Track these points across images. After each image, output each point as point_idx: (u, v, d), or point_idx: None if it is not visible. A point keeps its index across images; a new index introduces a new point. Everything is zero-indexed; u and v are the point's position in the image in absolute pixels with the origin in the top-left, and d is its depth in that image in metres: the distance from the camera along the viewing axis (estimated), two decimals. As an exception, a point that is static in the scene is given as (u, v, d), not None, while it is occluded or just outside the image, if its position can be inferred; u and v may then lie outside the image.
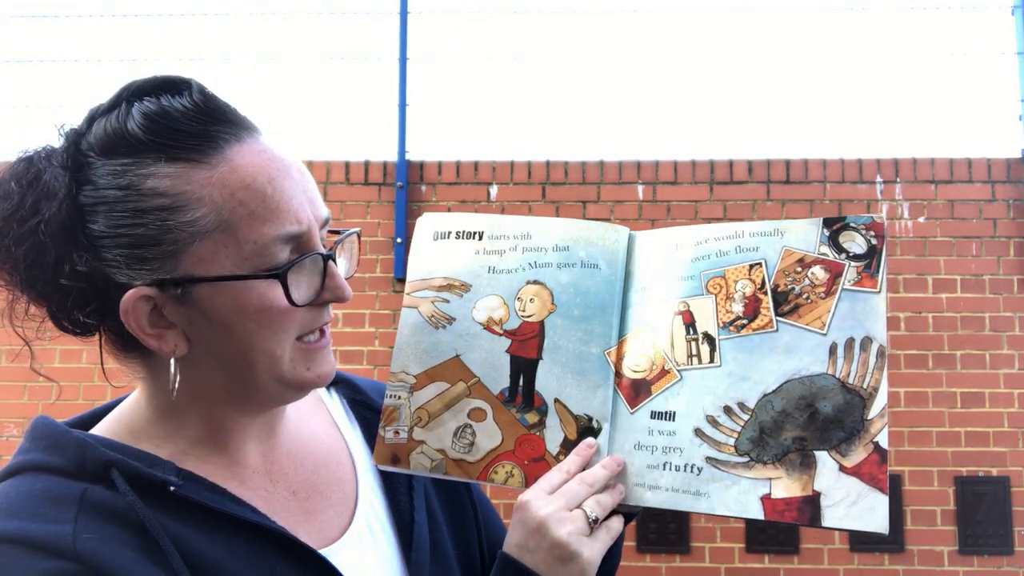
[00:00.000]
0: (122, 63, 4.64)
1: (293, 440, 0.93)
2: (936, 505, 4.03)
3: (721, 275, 0.93)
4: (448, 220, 1.02)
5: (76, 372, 4.28)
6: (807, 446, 0.85)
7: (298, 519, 0.87)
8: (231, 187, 0.77)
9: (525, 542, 0.84)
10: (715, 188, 4.33)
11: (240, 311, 0.79)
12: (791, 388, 0.86)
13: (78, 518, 0.74)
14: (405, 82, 4.50)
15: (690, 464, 0.88)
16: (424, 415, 0.95)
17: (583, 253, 0.97)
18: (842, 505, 0.82)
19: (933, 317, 4.17)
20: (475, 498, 1.06)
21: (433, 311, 0.98)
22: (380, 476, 0.97)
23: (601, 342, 0.95)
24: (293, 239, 0.80)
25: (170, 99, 0.80)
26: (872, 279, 0.87)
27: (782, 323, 0.89)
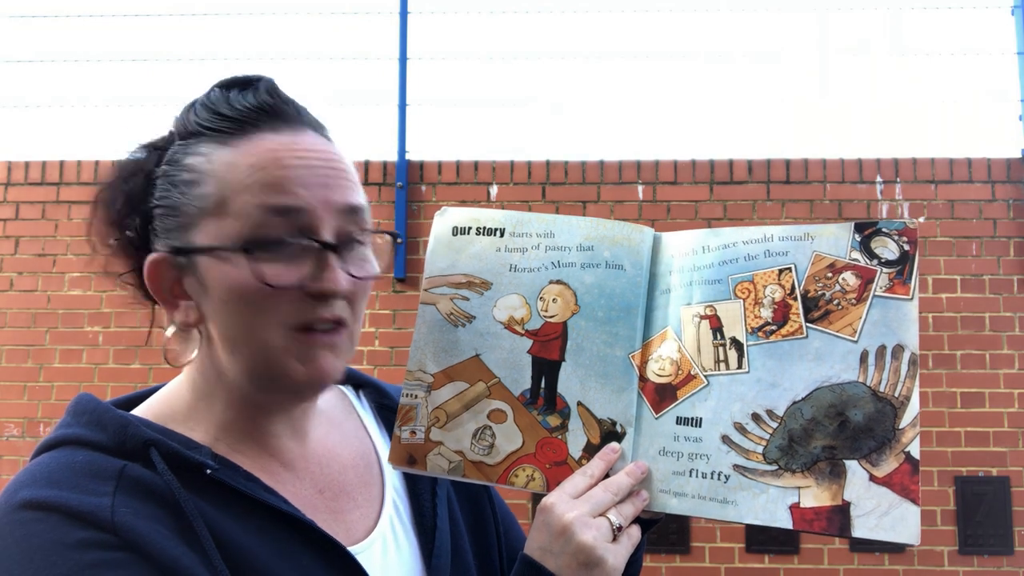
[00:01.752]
0: (123, 63, 4.64)
1: (322, 441, 0.93)
2: (936, 505, 4.03)
3: (750, 279, 0.91)
4: (468, 215, 0.99)
5: (76, 372, 4.28)
6: (837, 455, 0.83)
7: (324, 517, 0.87)
8: (241, 165, 0.81)
9: (549, 545, 0.83)
10: (715, 188, 4.33)
11: (228, 287, 0.80)
12: (821, 396, 0.85)
13: (116, 492, 0.75)
14: (405, 82, 4.50)
15: (717, 472, 0.87)
16: (442, 415, 0.93)
17: (607, 253, 0.95)
18: (873, 515, 0.81)
19: (933, 317, 4.17)
20: (495, 503, 1.05)
21: (452, 308, 0.95)
22: (405, 481, 0.97)
23: (625, 345, 0.93)
24: (288, 213, 0.79)
25: (238, 92, 0.86)
26: (904, 286, 0.85)
27: (812, 330, 0.87)
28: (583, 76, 4.72)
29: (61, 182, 4.44)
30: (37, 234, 4.42)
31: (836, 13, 4.59)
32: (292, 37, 4.75)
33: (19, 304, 4.36)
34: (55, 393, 4.27)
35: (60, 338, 4.33)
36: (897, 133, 4.55)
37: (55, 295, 4.36)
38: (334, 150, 0.86)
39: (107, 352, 4.28)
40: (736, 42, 4.61)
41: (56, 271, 4.39)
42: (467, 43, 4.64)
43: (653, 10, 4.55)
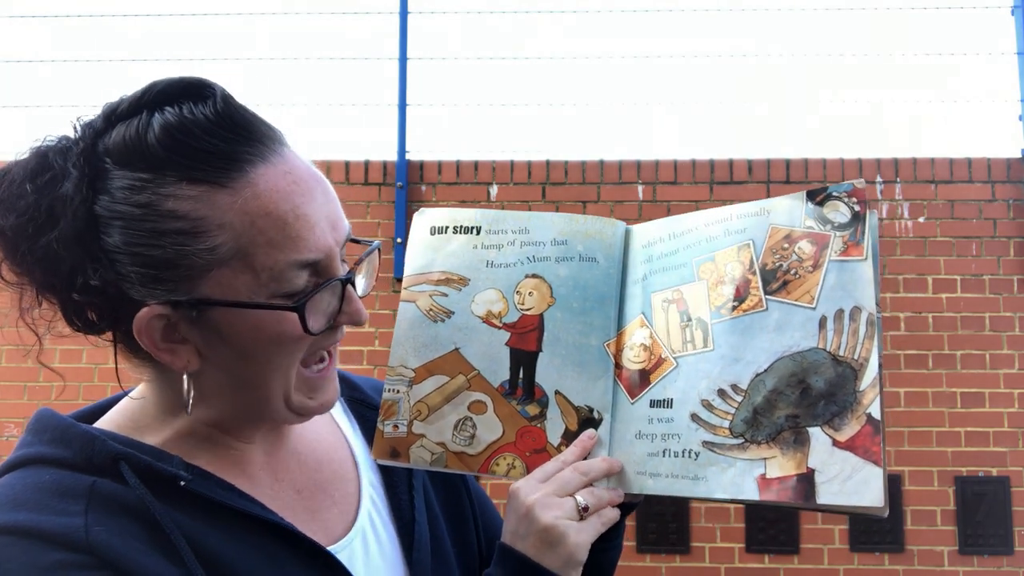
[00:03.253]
0: (122, 63, 4.64)
1: (297, 438, 0.93)
2: (936, 505, 4.03)
3: (711, 259, 0.92)
4: (445, 215, 1.01)
5: (76, 372, 4.28)
6: (800, 423, 0.83)
7: (303, 517, 0.86)
8: (252, 215, 0.76)
9: (516, 528, 0.85)
10: (715, 188, 4.33)
11: (256, 338, 0.78)
12: (782, 366, 0.85)
13: (88, 511, 0.74)
14: (405, 82, 4.50)
15: (688, 449, 0.88)
16: (424, 408, 0.95)
17: (581, 247, 0.97)
18: (836, 481, 0.80)
19: (933, 317, 4.16)
20: (472, 492, 1.06)
21: (431, 305, 0.98)
22: (381, 474, 0.97)
23: (600, 334, 0.95)
24: (311, 265, 0.79)
25: (192, 108, 0.77)
26: (858, 247, 0.85)
27: (771, 301, 0.88)
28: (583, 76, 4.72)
29: (61, 182, 4.44)
30: (37, 234, 4.41)
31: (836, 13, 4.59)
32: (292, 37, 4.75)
33: (19, 304, 4.36)
34: (55, 393, 4.26)
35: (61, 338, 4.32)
36: (897, 133, 4.55)
37: (55, 295, 4.36)
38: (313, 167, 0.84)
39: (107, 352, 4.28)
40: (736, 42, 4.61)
41: (56, 271, 4.38)
42: (467, 43, 4.64)
43: (653, 10, 4.55)
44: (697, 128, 4.70)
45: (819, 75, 4.73)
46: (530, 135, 4.64)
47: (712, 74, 4.67)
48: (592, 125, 4.81)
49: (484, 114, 4.70)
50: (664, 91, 4.59)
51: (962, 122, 4.52)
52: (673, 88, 4.61)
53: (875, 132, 4.59)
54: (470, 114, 4.71)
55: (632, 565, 4.03)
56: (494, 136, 4.66)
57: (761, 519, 4.04)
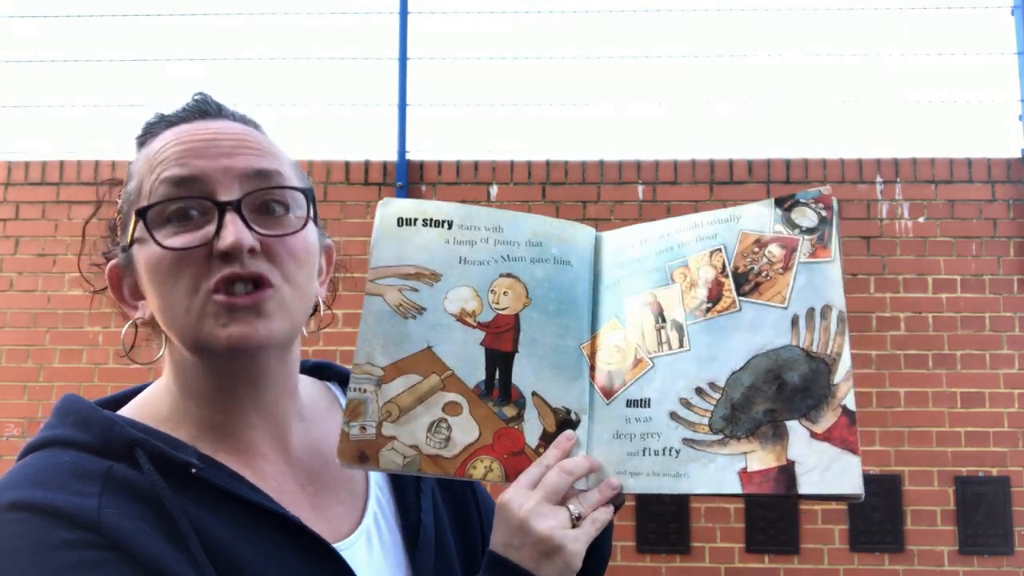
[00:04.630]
0: (122, 63, 4.64)
1: (307, 437, 0.94)
2: (936, 505, 4.03)
3: (685, 264, 0.95)
4: (413, 206, 0.97)
5: (76, 372, 4.28)
6: (778, 417, 0.86)
7: (307, 513, 0.88)
8: (147, 155, 0.87)
9: (509, 540, 0.84)
10: (715, 188, 4.33)
11: (146, 267, 0.84)
12: (758, 363, 0.88)
13: (103, 493, 0.76)
14: (405, 82, 4.50)
15: (668, 447, 0.90)
16: (394, 409, 0.91)
17: (555, 250, 0.97)
18: (816, 471, 0.83)
19: (933, 317, 4.17)
20: (479, 498, 1.06)
21: (401, 300, 0.93)
22: (388, 476, 0.98)
23: (576, 336, 0.95)
24: (180, 183, 0.82)
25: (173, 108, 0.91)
26: (825, 249, 0.89)
27: (744, 302, 0.91)
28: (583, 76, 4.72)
29: (61, 182, 4.44)
30: (37, 234, 4.42)
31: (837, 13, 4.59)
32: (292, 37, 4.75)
33: (19, 304, 4.36)
34: (55, 393, 4.26)
35: (60, 338, 4.33)
36: (897, 133, 4.55)
37: (55, 295, 4.36)
38: (247, 130, 0.89)
39: (107, 352, 4.29)
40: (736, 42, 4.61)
41: (56, 271, 4.39)
42: (467, 43, 4.64)
43: (653, 10, 4.55)
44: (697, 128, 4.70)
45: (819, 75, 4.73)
46: (530, 135, 4.64)
47: (712, 74, 4.67)
48: (592, 125, 4.81)
49: (484, 114, 4.70)
50: (664, 91, 4.59)
51: (962, 122, 4.53)
52: (673, 88, 4.61)
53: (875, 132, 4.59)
54: (470, 114, 4.71)
55: (632, 565, 4.04)
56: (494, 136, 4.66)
57: (761, 519, 4.04)
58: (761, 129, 4.67)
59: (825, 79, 4.69)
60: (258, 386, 0.89)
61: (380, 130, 4.52)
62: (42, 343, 4.33)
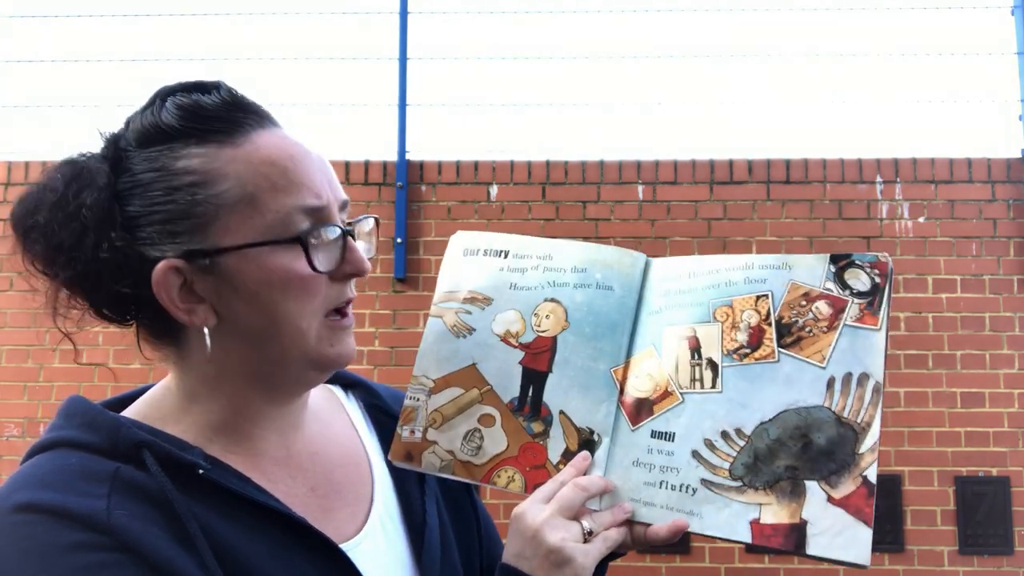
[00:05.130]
0: (122, 63, 4.64)
1: (314, 439, 0.94)
2: (936, 505, 4.03)
3: (729, 304, 0.95)
4: (479, 239, 1.07)
5: (76, 372, 4.28)
6: (798, 475, 0.87)
7: (315, 515, 0.88)
8: (255, 163, 0.83)
9: (522, 550, 0.86)
10: (715, 188, 4.34)
11: (265, 280, 0.82)
12: (787, 418, 0.89)
13: (111, 494, 0.76)
14: (405, 82, 4.50)
15: (686, 484, 0.91)
16: (438, 417, 0.99)
17: (599, 275, 1.01)
18: (827, 535, 0.85)
19: (933, 317, 4.17)
20: (476, 504, 1.07)
21: (456, 321, 1.03)
22: (394, 479, 0.99)
23: (609, 360, 0.98)
24: (313, 212, 0.84)
25: (200, 95, 0.85)
26: (874, 316, 0.89)
27: (784, 354, 0.91)
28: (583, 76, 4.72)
29: (61, 182, 4.44)
30: (37, 234, 4.41)
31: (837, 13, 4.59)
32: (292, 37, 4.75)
33: (19, 304, 4.36)
34: (55, 393, 4.26)
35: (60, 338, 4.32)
36: (897, 133, 4.55)
37: (55, 295, 4.36)
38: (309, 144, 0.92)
39: (107, 352, 4.28)
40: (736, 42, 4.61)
41: (56, 271, 4.38)
42: (467, 43, 4.64)
43: (653, 10, 4.55)
44: (697, 128, 4.70)
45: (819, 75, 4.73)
46: (530, 135, 4.64)
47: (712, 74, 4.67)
48: (592, 125, 4.81)
49: (484, 114, 4.70)
50: (664, 91, 4.59)
51: (962, 122, 4.53)
52: (673, 88, 4.61)
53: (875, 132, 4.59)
54: (470, 114, 4.71)
55: (632, 565, 4.03)
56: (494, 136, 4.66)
57: (761, 519, 4.04)
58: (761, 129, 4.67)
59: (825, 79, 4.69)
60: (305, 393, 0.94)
61: (380, 130, 4.53)
62: (42, 343, 4.33)
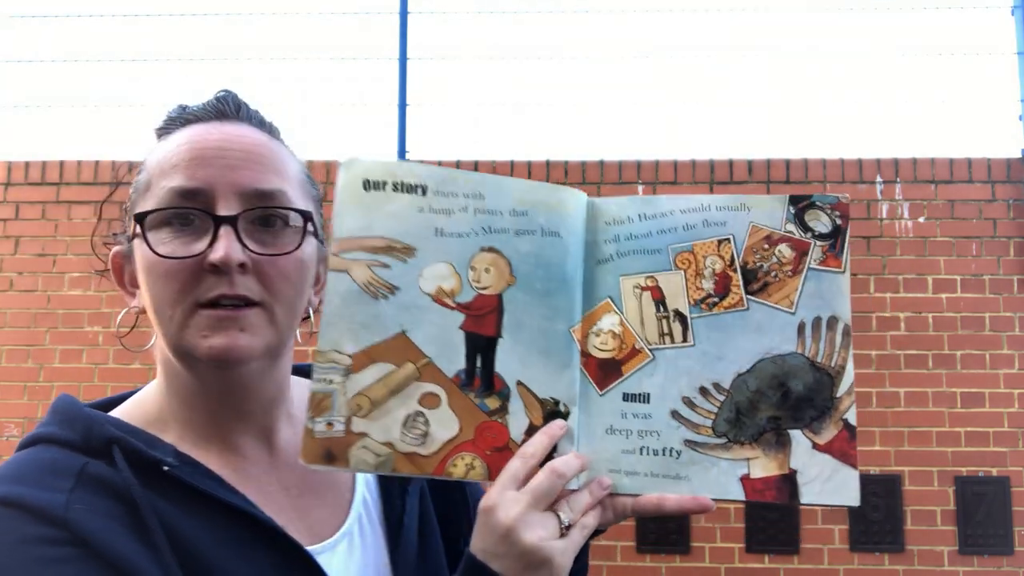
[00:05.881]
0: (123, 63, 4.64)
1: (293, 439, 0.94)
2: (936, 505, 4.03)
3: (689, 249, 0.90)
4: (383, 168, 0.85)
5: (76, 372, 4.28)
6: (781, 425, 0.86)
7: (290, 515, 0.88)
8: (159, 152, 0.87)
9: (493, 548, 0.78)
10: (715, 188, 4.33)
11: (142, 265, 0.85)
12: (764, 367, 0.87)
13: (74, 489, 0.77)
14: (405, 82, 4.50)
15: (668, 448, 0.86)
16: (364, 402, 0.82)
17: (543, 219, 0.87)
18: (817, 481, 0.85)
19: (933, 317, 4.17)
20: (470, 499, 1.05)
21: (370, 277, 0.83)
22: (377, 477, 0.97)
23: (566, 318, 0.86)
24: (186, 194, 0.82)
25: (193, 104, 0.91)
26: (836, 259, 0.88)
27: (752, 301, 0.88)
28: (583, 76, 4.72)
29: (61, 182, 4.44)
30: (37, 234, 4.41)
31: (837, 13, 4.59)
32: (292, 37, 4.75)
33: (19, 304, 4.36)
34: (55, 393, 4.25)
35: (60, 338, 4.33)
36: (897, 133, 4.55)
37: (55, 295, 4.36)
38: (260, 139, 0.88)
39: (107, 352, 4.28)
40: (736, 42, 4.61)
41: (56, 271, 4.38)
42: (467, 43, 4.64)
43: (653, 10, 4.55)
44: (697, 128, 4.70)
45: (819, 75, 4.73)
46: (530, 135, 4.64)
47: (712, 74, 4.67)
48: (592, 125, 4.81)
49: (484, 114, 4.70)
50: (664, 91, 4.59)
51: (962, 122, 4.53)
52: (673, 88, 4.61)
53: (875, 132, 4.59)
54: (470, 114, 4.71)
55: (632, 565, 4.03)
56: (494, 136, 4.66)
57: (761, 519, 4.04)
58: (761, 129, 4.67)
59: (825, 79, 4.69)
60: (241, 396, 0.88)
61: (380, 130, 4.53)
62: (42, 343, 4.33)
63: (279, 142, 0.92)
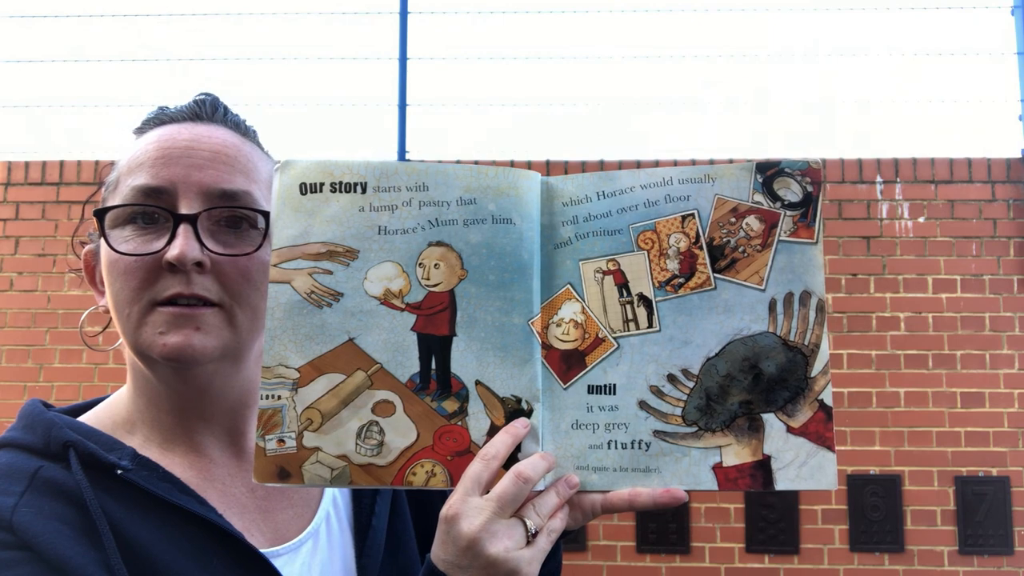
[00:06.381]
0: (122, 62, 4.64)
1: None
2: (936, 505, 4.03)
3: (652, 228, 0.85)
4: (319, 168, 0.83)
5: (76, 372, 4.28)
6: (754, 409, 0.82)
7: (253, 516, 0.87)
8: (130, 151, 0.87)
9: (457, 560, 0.75)
10: (715, 188, 4.33)
11: (103, 263, 0.86)
12: (734, 349, 0.82)
13: (26, 492, 0.77)
14: (405, 82, 4.50)
15: (637, 440, 0.82)
16: (315, 416, 0.80)
17: (493, 206, 0.83)
18: (792, 466, 0.80)
19: (933, 317, 4.16)
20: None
21: (312, 285, 0.81)
22: None
23: (523, 310, 0.82)
24: (149, 193, 0.83)
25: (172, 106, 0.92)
26: (809, 229, 0.82)
27: (720, 280, 0.83)
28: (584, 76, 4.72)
29: (61, 182, 4.44)
30: (37, 234, 4.41)
31: (837, 13, 4.59)
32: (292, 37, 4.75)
33: (19, 304, 4.36)
34: (55, 393, 4.26)
35: (60, 338, 4.33)
36: (897, 133, 4.55)
37: (55, 295, 4.36)
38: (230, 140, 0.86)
39: (107, 352, 4.28)
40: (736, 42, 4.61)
41: (56, 271, 4.38)
42: (467, 43, 4.64)
43: (653, 11, 4.55)
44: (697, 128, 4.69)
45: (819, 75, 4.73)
46: (530, 135, 4.64)
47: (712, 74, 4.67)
48: (592, 125, 4.81)
49: (484, 114, 4.70)
50: (664, 91, 4.59)
51: (962, 122, 4.52)
52: (672, 88, 4.61)
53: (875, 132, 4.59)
54: (470, 114, 4.71)
55: (632, 565, 4.03)
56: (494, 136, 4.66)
57: (761, 519, 4.04)
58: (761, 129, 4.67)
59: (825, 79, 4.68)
60: (202, 397, 0.87)
61: (380, 130, 4.52)
62: (42, 343, 4.33)
63: (254, 144, 0.91)
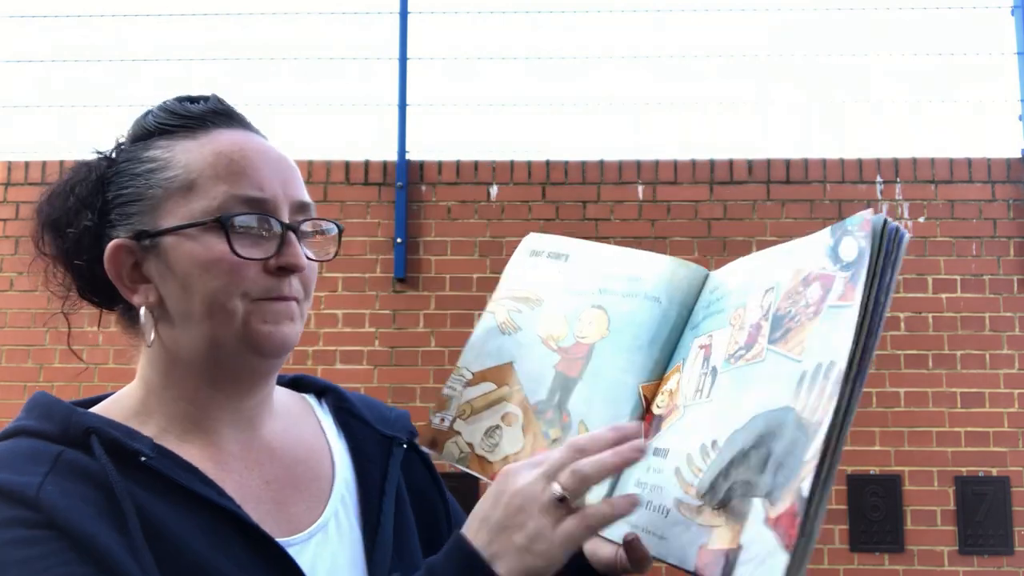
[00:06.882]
0: (122, 62, 4.64)
1: (275, 436, 0.96)
2: (936, 505, 4.03)
3: (744, 305, 0.85)
4: (546, 241, 1.08)
5: (76, 372, 4.28)
6: (750, 491, 0.75)
7: (268, 507, 0.90)
8: (204, 153, 0.88)
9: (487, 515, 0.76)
10: (715, 188, 4.33)
11: (194, 262, 0.86)
12: (755, 424, 0.76)
13: (50, 473, 0.79)
14: (405, 82, 4.50)
15: (662, 505, 0.81)
16: (468, 409, 1.02)
17: (649, 286, 0.96)
18: (752, 563, 0.71)
19: (933, 317, 4.17)
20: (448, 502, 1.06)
21: (506, 319, 1.04)
22: (356, 479, 0.99)
23: (640, 374, 0.92)
24: (251, 202, 0.87)
25: (190, 102, 0.94)
26: (853, 289, 0.74)
27: (770, 351, 0.79)
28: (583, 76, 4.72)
29: (61, 182, 4.44)
30: (37, 234, 4.41)
31: (837, 13, 4.59)
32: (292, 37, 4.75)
33: (19, 304, 4.36)
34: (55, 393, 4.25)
35: (60, 338, 4.33)
36: (897, 133, 4.55)
37: (55, 295, 4.36)
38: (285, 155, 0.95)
39: (107, 352, 4.28)
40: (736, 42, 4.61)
41: (56, 271, 4.38)
42: (467, 43, 4.64)
43: (653, 10, 4.55)
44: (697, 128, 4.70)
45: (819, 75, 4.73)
46: (530, 135, 4.64)
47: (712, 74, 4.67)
48: (592, 125, 4.81)
49: (484, 114, 4.70)
50: (664, 91, 4.59)
51: (962, 122, 4.53)
52: (673, 88, 4.61)
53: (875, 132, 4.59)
54: (470, 114, 4.71)
55: (632, 565, 4.03)
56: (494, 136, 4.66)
57: (761, 519, 4.04)
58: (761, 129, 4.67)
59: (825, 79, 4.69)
60: (260, 384, 0.94)
61: (380, 130, 4.53)
62: (42, 343, 4.33)
63: None
